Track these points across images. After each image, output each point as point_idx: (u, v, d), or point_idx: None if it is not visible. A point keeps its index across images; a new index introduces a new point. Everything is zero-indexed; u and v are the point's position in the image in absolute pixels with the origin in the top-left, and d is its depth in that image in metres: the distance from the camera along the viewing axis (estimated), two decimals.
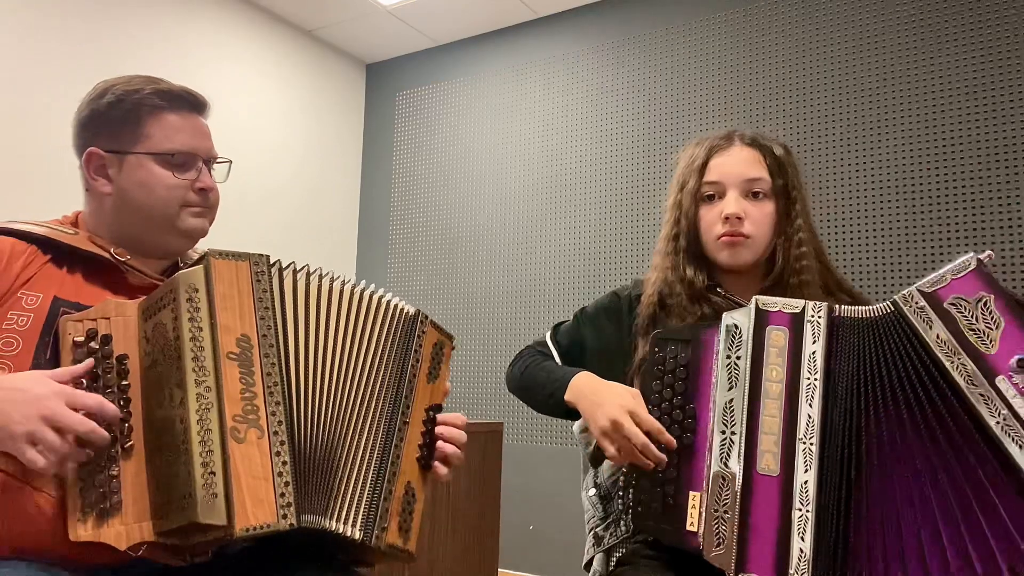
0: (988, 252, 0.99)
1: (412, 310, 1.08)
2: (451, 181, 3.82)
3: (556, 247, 3.45)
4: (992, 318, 0.94)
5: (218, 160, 1.19)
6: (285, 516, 0.86)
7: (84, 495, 0.88)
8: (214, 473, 0.84)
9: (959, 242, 2.59)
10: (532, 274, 3.50)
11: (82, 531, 0.88)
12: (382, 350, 1.03)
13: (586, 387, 1.19)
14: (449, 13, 3.63)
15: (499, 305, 3.57)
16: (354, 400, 1.00)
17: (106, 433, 0.88)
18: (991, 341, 0.94)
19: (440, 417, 1.10)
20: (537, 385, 1.29)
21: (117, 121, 1.10)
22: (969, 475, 0.93)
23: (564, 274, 3.42)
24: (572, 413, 1.22)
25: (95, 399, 0.88)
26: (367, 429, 1.00)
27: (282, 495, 0.87)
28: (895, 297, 1.00)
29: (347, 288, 1.03)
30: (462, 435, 1.11)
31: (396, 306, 1.06)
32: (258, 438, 0.88)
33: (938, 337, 0.96)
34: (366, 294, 1.04)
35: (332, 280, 1.02)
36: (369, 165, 4.13)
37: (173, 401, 0.88)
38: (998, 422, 0.91)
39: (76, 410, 0.86)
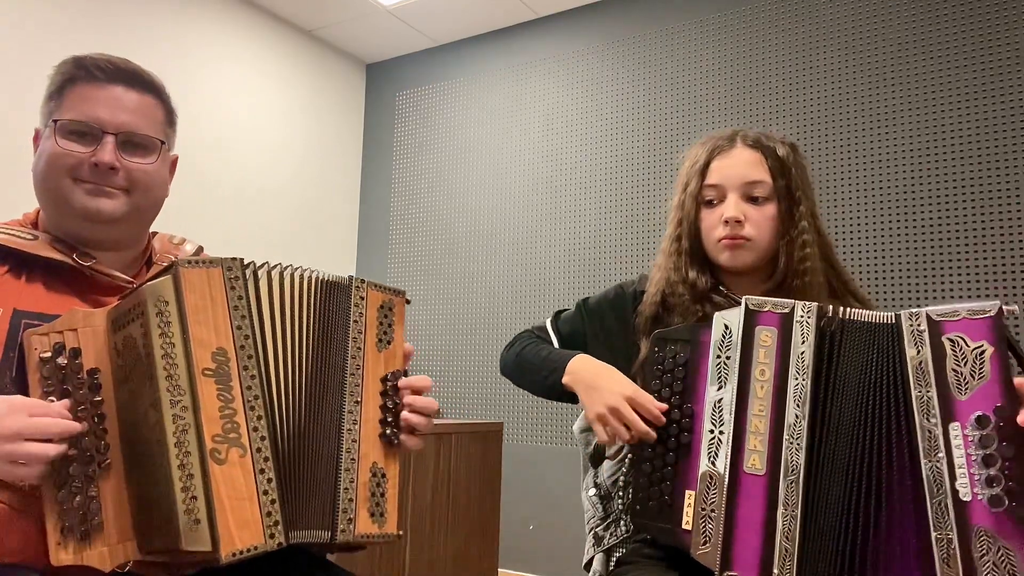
0: (1015, 306, 0.97)
1: (343, 278, 0.98)
2: (451, 181, 3.82)
3: (556, 246, 3.45)
4: (980, 368, 0.93)
5: (157, 143, 1.07)
6: (273, 536, 0.84)
7: (63, 518, 0.85)
8: (196, 498, 0.81)
9: (959, 242, 2.59)
10: (532, 274, 3.50)
11: (63, 555, 0.84)
12: (320, 330, 0.95)
13: (584, 371, 1.18)
14: (449, 13, 3.63)
15: (499, 305, 3.57)
16: (318, 394, 0.94)
17: (77, 425, 0.85)
18: (967, 388, 0.93)
19: (403, 383, 1.01)
20: (534, 367, 1.28)
21: (46, 98, 1.06)
22: (895, 500, 0.95)
23: (564, 273, 3.42)
24: (569, 396, 1.22)
25: (57, 409, 0.85)
26: (330, 423, 0.94)
27: (268, 514, 0.84)
28: (902, 311, 0.99)
29: (315, 279, 0.97)
30: (431, 403, 1.02)
31: (320, 279, 0.97)
32: (240, 457, 0.84)
33: (920, 364, 0.96)
34: (306, 276, 0.96)
35: (303, 274, 0.96)
36: (369, 165, 4.13)
37: (148, 421, 0.84)
38: (929, 463, 0.92)
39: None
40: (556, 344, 1.35)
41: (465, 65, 3.86)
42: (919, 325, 0.97)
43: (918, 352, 0.96)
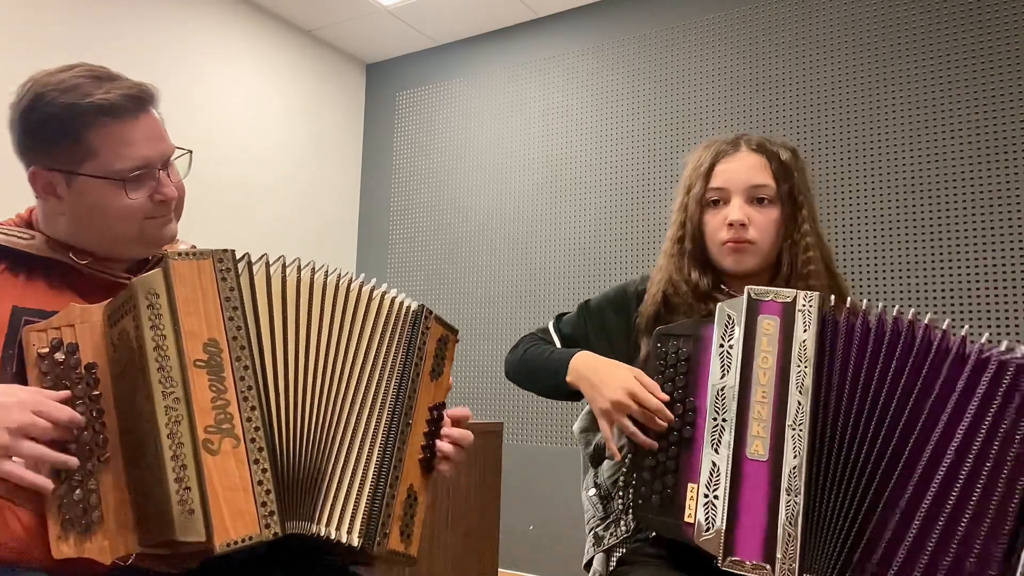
0: None
1: (415, 305, 1.03)
2: (451, 181, 3.82)
3: (556, 246, 3.45)
4: None
5: (177, 154, 1.08)
6: (268, 526, 0.83)
7: (63, 512, 0.85)
8: (189, 488, 0.81)
9: (959, 242, 2.59)
10: (532, 273, 3.50)
11: (64, 548, 0.85)
12: (384, 348, 0.99)
13: (586, 367, 1.19)
14: (449, 13, 3.63)
15: (499, 305, 3.57)
16: (350, 401, 0.96)
17: (79, 417, 0.86)
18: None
19: (447, 413, 1.06)
20: (538, 369, 1.29)
21: (54, 136, 0.98)
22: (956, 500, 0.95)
23: (564, 273, 3.42)
24: (577, 394, 1.22)
25: (66, 413, 0.85)
26: (367, 431, 0.96)
27: (263, 504, 0.84)
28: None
29: (332, 280, 0.97)
30: (468, 435, 1.07)
31: (398, 302, 1.02)
32: (234, 447, 0.84)
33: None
34: (365, 289, 0.99)
35: (313, 271, 0.97)
36: (369, 165, 4.12)
37: (143, 413, 0.85)
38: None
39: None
40: (558, 345, 1.35)
41: (465, 65, 3.86)
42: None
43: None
